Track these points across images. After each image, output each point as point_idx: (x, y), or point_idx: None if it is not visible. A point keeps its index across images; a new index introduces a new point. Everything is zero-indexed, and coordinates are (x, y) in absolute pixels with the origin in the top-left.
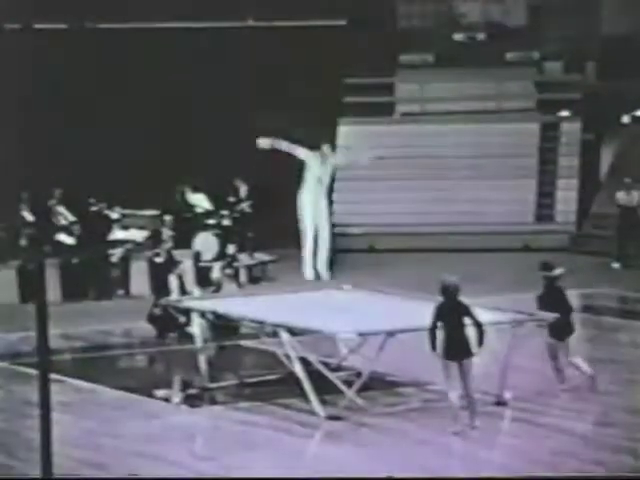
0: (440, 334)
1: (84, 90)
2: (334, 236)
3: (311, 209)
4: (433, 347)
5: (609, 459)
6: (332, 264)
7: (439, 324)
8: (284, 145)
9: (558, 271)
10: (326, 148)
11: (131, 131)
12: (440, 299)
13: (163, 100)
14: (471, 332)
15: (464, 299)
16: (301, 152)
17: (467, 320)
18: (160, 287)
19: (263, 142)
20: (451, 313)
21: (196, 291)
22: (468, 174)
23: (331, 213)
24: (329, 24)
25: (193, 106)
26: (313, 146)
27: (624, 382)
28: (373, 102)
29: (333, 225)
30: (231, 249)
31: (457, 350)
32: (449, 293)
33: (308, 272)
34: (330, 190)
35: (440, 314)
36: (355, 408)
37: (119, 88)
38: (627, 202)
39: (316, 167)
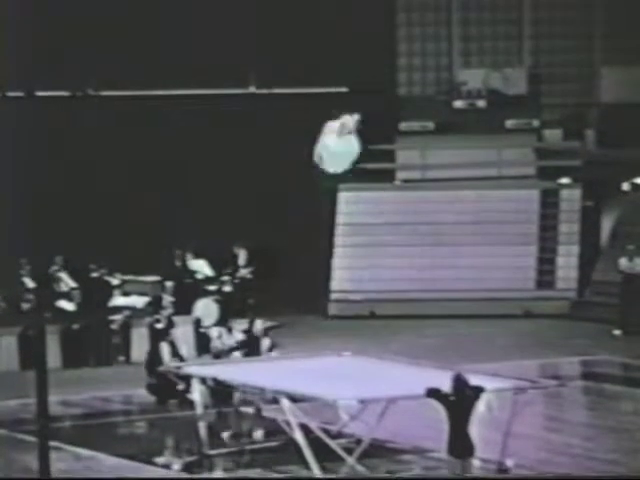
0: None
1: (84, 156)
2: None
3: None
4: None
5: None
6: None
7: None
8: None
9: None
10: None
11: (132, 197)
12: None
13: (163, 165)
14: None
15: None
16: None
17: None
18: (154, 354)
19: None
20: (459, 409)
21: (184, 352)
22: (468, 240)
23: None
24: (330, 91)
25: (193, 171)
26: None
27: (626, 451)
28: (374, 169)
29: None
30: (230, 320)
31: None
32: (458, 387)
33: None
34: None
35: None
36: (356, 475)
37: (119, 153)
38: (629, 269)
39: None
